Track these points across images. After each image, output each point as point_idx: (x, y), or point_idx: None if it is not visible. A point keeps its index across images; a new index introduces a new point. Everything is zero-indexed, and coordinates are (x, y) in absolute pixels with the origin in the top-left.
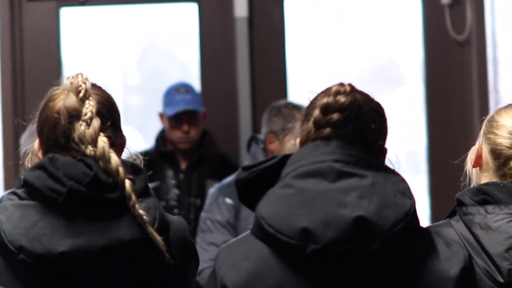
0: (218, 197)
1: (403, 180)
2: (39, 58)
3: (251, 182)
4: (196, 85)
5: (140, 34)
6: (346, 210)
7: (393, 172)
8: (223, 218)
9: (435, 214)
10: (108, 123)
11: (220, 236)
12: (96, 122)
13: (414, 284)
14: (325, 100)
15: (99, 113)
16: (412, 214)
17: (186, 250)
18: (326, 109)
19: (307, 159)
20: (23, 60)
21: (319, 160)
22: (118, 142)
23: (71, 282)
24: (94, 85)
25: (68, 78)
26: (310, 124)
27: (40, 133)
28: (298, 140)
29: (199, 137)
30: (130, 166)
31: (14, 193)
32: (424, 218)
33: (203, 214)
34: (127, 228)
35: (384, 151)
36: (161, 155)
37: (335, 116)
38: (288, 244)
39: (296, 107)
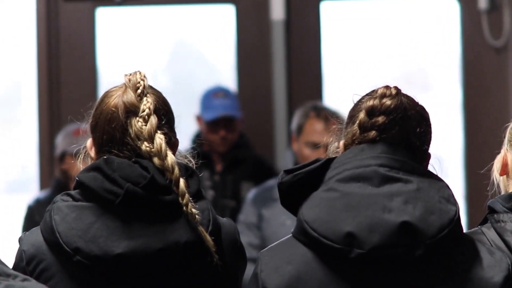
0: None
1: (447, 186)
2: (74, 59)
3: (294, 185)
4: (231, 88)
5: (174, 35)
6: (391, 215)
7: (437, 178)
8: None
9: (471, 222)
10: (164, 122)
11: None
12: (153, 119)
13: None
14: (370, 102)
15: (156, 111)
16: (456, 221)
17: (236, 252)
18: (372, 112)
19: (352, 163)
20: (59, 60)
21: (364, 164)
22: (173, 142)
23: (126, 284)
24: (150, 85)
25: (126, 75)
26: (355, 127)
27: (94, 128)
28: (342, 143)
29: (236, 140)
30: (184, 168)
31: (68, 194)
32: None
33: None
34: (183, 231)
35: (428, 156)
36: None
37: (380, 119)
38: (332, 248)
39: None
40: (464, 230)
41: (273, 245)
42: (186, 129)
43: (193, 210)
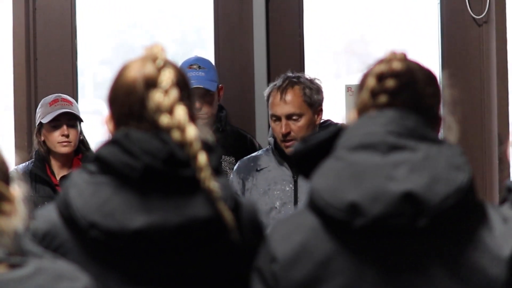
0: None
1: (460, 153)
2: (51, 30)
3: (308, 153)
4: (211, 59)
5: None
6: (394, 184)
7: (449, 145)
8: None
9: None
10: (185, 95)
11: None
12: (174, 91)
13: (465, 261)
14: (379, 67)
15: (177, 83)
16: (466, 189)
17: (255, 231)
18: (381, 76)
19: (361, 129)
20: (36, 31)
21: (372, 131)
22: (194, 115)
23: (143, 259)
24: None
25: (144, 47)
26: (366, 93)
27: (113, 102)
28: (354, 111)
29: (215, 112)
30: (204, 142)
31: (85, 168)
32: None
33: None
34: (202, 206)
35: (439, 119)
36: None
37: (391, 82)
38: (336, 217)
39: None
40: None
41: (288, 214)
42: None
43: (212, 186)
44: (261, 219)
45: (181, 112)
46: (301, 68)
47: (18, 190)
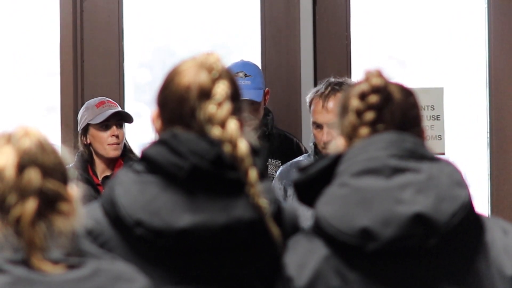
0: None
1: (457, 169)
2: (99, 31)
3: (309, 182)
4: (258, 61)
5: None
6: (403, 206)
7: (446, 162)
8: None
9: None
10: (237, 107)
11: None
12: (228, 105)
13: (471, 278)
14: (359, 87)
15: (231, 97)
16: (469, 205)
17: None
18: (363, 95)
19: (362, 155)
20: (83, 32)
21: (373, 156)
22: (244, 128)
23: (187, 258)
24: (225, 68)
25: (200, 54)
26: (352, 114)
27: (163, 106)
28: (341, 137)
29: (261, 117)
30: (252, 149)
31: (132, 168)
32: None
33: None
34: (247, 208)
35: (423, 130)
36: None
37: (374, 98)
38: (349, 243)
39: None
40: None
41: (296, 239)
42: None
43: (262, 201)
44: (302, 225)
45: (233, 126)
46: (348, 72)
47: (75, 190)
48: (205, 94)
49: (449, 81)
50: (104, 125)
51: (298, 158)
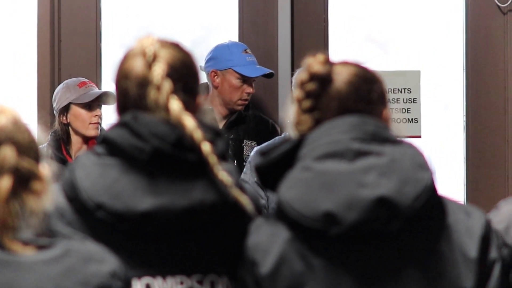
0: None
1: (420, 152)
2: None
3: (270, 166)
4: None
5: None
6: (366, 190)
7: (409, 145)
8: (251, 180)
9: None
10: (180, 85)
11: None
12: (166, 86)
13: (435, 260)
14: (300, 76)
15: (169, 76)
16: (432, 187)
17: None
18: (302, 83)
19: (324, 138)
20: (60, 10)
21: (335, 139)
22: (193, 105)
23: (149, 241)
24: (166, 45)
25: (137, 40)
26: (295, 104)
27: (116, 92)
28: (290, 124)
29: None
30: (209, 128)
31: (93, 150)
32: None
33: (242, 176)
34: (208, 190)
35: (384, 118)
36: None
37: (310, 85)
38: (312, 227)
39: None
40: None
41: (258, 223)
42: None
43: (221, 174)
44: (262, 204)
45: (175, 106)
46: (325, 54)
47: (47, 168)
48: (143, 81)
49: (426, 64)
50: (88, 105)
51: (273, 140)
